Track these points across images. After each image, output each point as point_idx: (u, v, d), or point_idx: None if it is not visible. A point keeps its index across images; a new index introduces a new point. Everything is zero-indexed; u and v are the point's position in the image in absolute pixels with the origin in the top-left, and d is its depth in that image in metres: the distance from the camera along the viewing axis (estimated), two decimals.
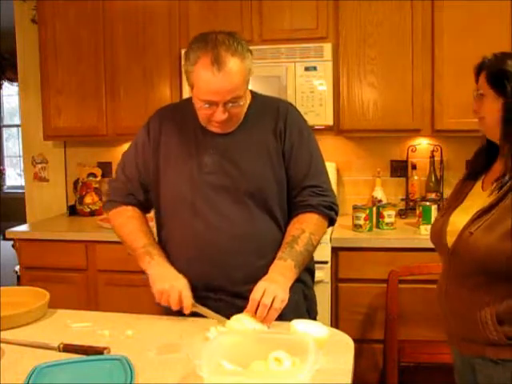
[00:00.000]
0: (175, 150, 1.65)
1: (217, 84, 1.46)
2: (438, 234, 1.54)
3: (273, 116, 1.65)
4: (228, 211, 1.59)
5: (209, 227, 1.59)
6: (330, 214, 1.65)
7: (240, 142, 1.62)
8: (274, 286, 1.45)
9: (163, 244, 1.68)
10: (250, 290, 1.47)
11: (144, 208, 1.74)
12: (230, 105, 1.51)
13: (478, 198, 1.47)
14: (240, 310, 1.46)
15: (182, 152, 1.63)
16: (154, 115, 1.75)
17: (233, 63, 1.47)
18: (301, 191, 1.63)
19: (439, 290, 1.57)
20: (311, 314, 1.74)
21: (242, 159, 1.60)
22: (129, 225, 1.68)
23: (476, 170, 1.55)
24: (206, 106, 1.52)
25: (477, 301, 1.41)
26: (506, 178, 1.39)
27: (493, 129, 1.44)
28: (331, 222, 1.68)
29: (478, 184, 1.52)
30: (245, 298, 1.47)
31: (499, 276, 1.37)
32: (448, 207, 1.57)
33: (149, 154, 1.68)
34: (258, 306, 1.42)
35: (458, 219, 1.47)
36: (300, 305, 1.68)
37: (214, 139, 1.61)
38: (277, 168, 1.62)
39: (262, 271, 1.54)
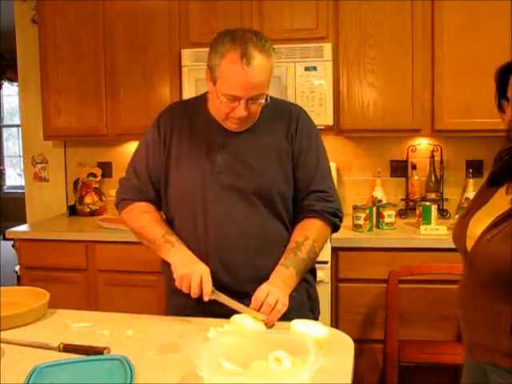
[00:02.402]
0: (186, 148, 1.64)
1: (245, 78, 1.47)
2: (458, 236, 1.50)
3: (285, 119, 1.66)
4: (237, 210, 1.59)
5: (217, 226, 1.59)
6: (334, 220, 1.66)
7: (252, 142, 1.62)
8: (277, 290, 1.48)
9: None
10: (255, 289, 1.50)
11: (156, 205, 1.73)
12: (251, 102, 1.52)
13: (501, 202, 1.39)
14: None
15: (193, 150, 1.63)
16: (164, 112, 1.74)
17: (260, 59, 1.48)
18: (307, 195, 1.65)
19: (457, 292, 1.53)
20: (314, 314, 1.75)
21: (253, 159, 1.61)
22: (144, 218, 1.67)
23: (500, 175, 1.46)
24: (228, 100, 1.51)
25: (493, 310, 1.37)
26: None
27: None
28: (335, 228, 1.70)
29: (503, 188, 1.43)
30: (250, 297, 1.49)
31: None
32: (470, 210, 1.50)
33: (159, 152, 1.67)
34: (261, 305, 1.44)
35: (478, 223, 1.42)
36: (304, 304, 1.69)
37: (226, 139, 1.62)
38: (286, 169, 1.64)
39: (268, 270, 1.56)
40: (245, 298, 1.51)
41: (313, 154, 1.67)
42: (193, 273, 1.50)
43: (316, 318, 1.70)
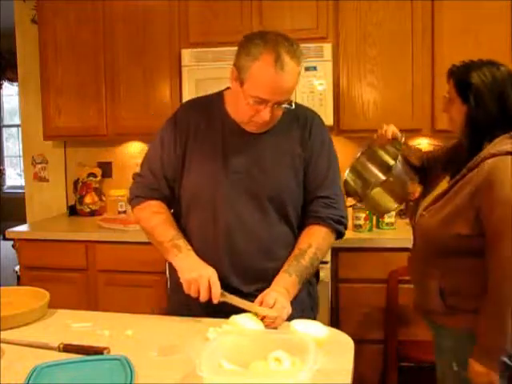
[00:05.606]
0: (202, 148, 1.64)
1: (276, 83, 1.46)
2: (411, 216, 1.84)
3: (300, 124, 1.67)
4: (247, 213, 1.60)
5: (226, 227, 1.60)
6: (338, 228, 1.67)
7: (267, 146, 1.62)
8: (283, 299, 1.49)
9: None
10: (258, 290, 1.52)
11: (169, 203, 1.72)
12: (276, 106, 1.52)
13: (444, 187, 1.68)
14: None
15: (208, 150, 1.63)
16: (180, 109, 1.74)
17: (292, 65, 1.48)
18: (313, 200, 1.65)
19: (408, 263, 1.88)
20: (314, 311, 1.77)
21: (268, 163, 1.61)
22: (154, 219, 1.67)
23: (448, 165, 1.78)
24: (254, 103, 1.50)
25: (425, 272, 1.68)
26: (464, 170, 1.58)
27: (459, 127, 1.69)
28: (339, 235, 1.70)
29: (448, 176, 1.73)
30: (254, 297, 1.51)
31: (442, 253, 1.61)
32: (423, 195, 1.84)
33: (175, 150, 1.66)
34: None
35: (425, 204, 1.74)
36: (305, 301, 1.70)
37: (243, 141, 1.62)
38: (299, 175, 1.64)
39: (273, 273, 1.57)
40: (249, 297, 1.53)
41: (324, 159, 1.67)
42: (201, 277, 1.49)
43: (315, 316, 1.72)
